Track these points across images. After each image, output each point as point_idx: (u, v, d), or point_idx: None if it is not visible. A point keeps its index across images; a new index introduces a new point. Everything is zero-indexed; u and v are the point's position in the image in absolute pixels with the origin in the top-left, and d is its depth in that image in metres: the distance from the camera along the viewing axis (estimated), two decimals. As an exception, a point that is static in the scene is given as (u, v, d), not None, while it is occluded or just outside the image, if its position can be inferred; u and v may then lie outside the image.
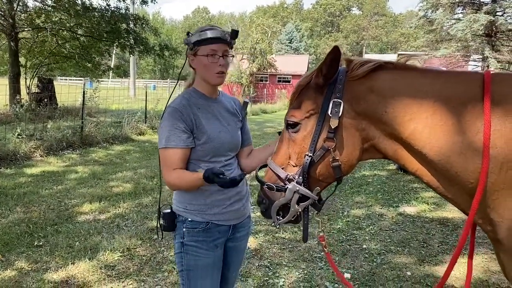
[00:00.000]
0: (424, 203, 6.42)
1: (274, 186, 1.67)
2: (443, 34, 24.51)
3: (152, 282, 3.80)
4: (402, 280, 3.95)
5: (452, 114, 1.42)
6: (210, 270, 2.14)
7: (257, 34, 37.10)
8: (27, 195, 6.26)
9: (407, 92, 1.49)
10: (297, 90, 1.68)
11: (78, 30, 16.54)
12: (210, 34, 1.96)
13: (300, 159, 1.63)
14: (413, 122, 1.46)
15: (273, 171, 1.70)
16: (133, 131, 12.95)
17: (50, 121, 11.94)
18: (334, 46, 1.49)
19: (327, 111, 1.55)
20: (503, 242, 1.44)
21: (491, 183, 1.39)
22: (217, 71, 2.00)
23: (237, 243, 2.29)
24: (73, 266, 4.03)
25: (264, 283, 3.84)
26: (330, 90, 1.57)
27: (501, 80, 1.45)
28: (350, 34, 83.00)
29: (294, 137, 1.64)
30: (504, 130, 1.36)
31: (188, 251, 2.12)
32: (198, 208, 2.11)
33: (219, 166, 2.06)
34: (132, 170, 8.35)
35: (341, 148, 1.58)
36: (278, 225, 1.72)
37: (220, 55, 1.99)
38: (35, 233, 4.83)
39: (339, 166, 1.59)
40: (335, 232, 5.16)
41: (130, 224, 5.25)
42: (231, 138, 2.13)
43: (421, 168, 1.53)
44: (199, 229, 2.11)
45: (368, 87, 1.54)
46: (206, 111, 2.08)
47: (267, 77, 39.09)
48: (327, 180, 1.66)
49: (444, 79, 1.50)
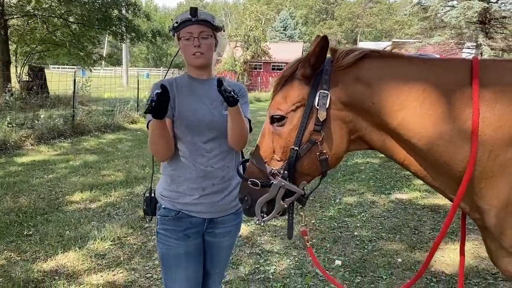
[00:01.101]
0: (416, 190, 6.44)
1: (258, 182, 1.59)
2: (437, 21, 24.45)
3: (143, 270, 3.78)
4: (393, 266, 3.96)
5: (441, 102, 1.39)
6: (183, 260, 2.07)
7: (251, 22, 36.79)
8: (17, 184, 6.20)
9: (394, 81, 1.45)
10: (280, 82, 1.60)
11: (69, 17, 16.29)
12: (179, 18, 2.00)
13: (285, 153, 1.57)
14: (402, 112, 1.43)
15: (256, 166, 1.63)
16: (125, 119, 12.86)
17: (41, 109, 11.81)
18: (323, 35, 1.44)
19: (313, 103, 1.50)
20: (490, 230, 1.43)
21: (479, 172, 1.37)
22: (192, 52, 2.00)
23: (217, 240, 2.19)
24: (62, 255, 4.00)
25: (256, 271, 3.84)
26: (316, 81, 1.52)
27: (489, 66, 1.42)
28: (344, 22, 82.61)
29: (279, 130, 1.57)
30: (493, 118, 1.33)
31: (160, 239, 2.10)
32: (170, 195, 2.08)
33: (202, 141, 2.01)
34: (124, 158, 8.29)
35: (329, 141, 1.53)
36: (262, 222, 1.65)
37: (195, 36, 1.98)
38: (25, 222, 4.79)
39: (326, 159, 1.54)
40: (326, 220, 5.16)
41: (121, 212, 5.22)
42: (211, 117, 2.03)
43: (409, 158, 1.50)
44: (169, 217, 2.07)
45: (354, 77, 1.49)
46: (187, 90, 2.07)
47: (261, 65, 38.90)
48: (313, 173, 1.61)
49: (432, 66, 1.46)
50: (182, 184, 2.05)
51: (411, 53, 1.61)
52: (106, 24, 16.44)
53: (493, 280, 3.70)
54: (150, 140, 1.93)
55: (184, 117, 2.00)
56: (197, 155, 2.03)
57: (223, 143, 2.06)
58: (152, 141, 1.92)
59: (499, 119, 1.33)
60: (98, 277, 3.64)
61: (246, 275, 3.75)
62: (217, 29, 2.06)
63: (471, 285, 3.63)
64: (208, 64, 2.10)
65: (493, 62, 1.47)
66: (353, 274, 3.81)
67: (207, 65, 2.09)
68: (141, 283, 3.57)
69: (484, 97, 1.35)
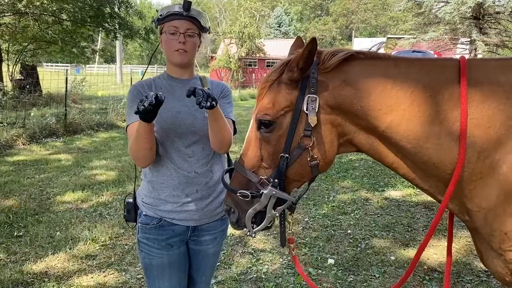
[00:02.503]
0: (409, 187, 6.42)
1: (249, 194, 1.53)
2: (432, 17, 24.46)
3: (134, 271, 3.75)
4: (386, 265, 3.94)
5: (429, 104, 1.36)
6: (166, 270, 2.00)
7: (245, 18, 36.61)
8: (7, 184, 6.13)
9: (382, 84, 1.42)
10: (265, 86, 1.55)
11: (61, 15, 16.13)
12: (166, 10, 1.90)
13: (274, 160, 1.52)
14: (390, 115, 1.40)
15: (243, 176, 1.56)
16: (119, 117, 12.77)
17: (33, 108, 11.71)
18: (312, 37, 1.40)
19: (302, 108, 1.45)
20: (480, 231, 1.42)
21: (469, 173, 1.35)
22: (176, 48, 1.90)
23: (203, 247, 2.11)
24: (53, 257, 3.96)
25: (248, 270, 3.81)
26: (303, 85, 1.47)
27: (476, 66, 1.40)
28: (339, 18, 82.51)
29: (268, 137, 1.52)
30: (482, 119, 1.31)
31: (142, 248, 2.02)
32: (152, 202, 1.99)
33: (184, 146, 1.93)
34: (116, 157, 8.23)
35: (319, 146, 1.49)
36: (253, 234, 1.59)
37: (181, 31, 1.89)
38: (15, 223, 4.74)
39: (317, 164, 1.50)
40: (320, 218, 5.14)
41: (113, 212, 5.17)
42: (193, 119, 1.94)
43: (397, 161, 1.48)
44: (151, 226, 1.98)
45: (341, 80, 1.46)
46: (167, 91, 1.97)
47: (256, 62, 38.78)
48: (303, 179, 1.58)
49: (419, 67, 1.44)
50: (164, 191, 1.96)
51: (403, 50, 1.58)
52: (99, 21, 16.29)
53: (486, 278, 3.70)
54: (134, 144, 1.80)
55: (164, 120, 1.90)
56: (179, 160, 1.94)
57: (206, 146, 1.97)
58: (136, 145, 1.79)
59: (488, 120, 1.31)
60: (88, 279, 3.60)
61: (238, 275, 3.72)
62: (204, 29, 1.98)
63: (464, 283, 3.63)
64: (190, 64, 2.02)
65: (481, 62, 1.44)
66: (346, 273, 3.79)
67: (188, 64, 2.00)
68: (132, 284, 3.53)
69: (473, 98, 1.33)
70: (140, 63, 64.38)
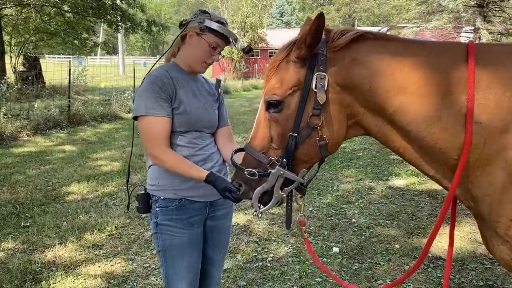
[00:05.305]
0: (413, 176, 6.43)
1: (256, 173, 1.53)
2: (435, 5, 24.19)
3: (141, 260, 3.78)
4: (390, 253, 3.96)
5: (437, 88, 1.36)
6: (186, 249, 2.08)
7: (247, 8, 36.43)
8: (13, 176, 6.18)
9: (391, 65, 1.41)
10: (273, 66, 1.54)
11: (63, 6, 16.09)
12: (226, 33, 1.98)
13: (283, 141, 1.51)
14: (399, 98, 1.39)
15: (254, 157, 1.56)
16: (122, 109, 12.80)
17: (37, 100, 11.73)
18: (319, 13, 1.38)
19: (311, 86, 1.44)
20: (485, 218, 1.42)
21: (475, 159, 1.35)
22: (209, 62, 2.04)
23: (219, 222, 2.23)
24: (60, 246, 4.00)
25: (253, 259, 3.84)
26: (312, 63, 1.45)
27: (485, 51, 1.39)
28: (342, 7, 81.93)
29: (277, 117, 1.51)
30: (488, 105, 1.31)
31: (162, 231, 2.07)
32: (170, 183, 2.04)
33: (193, 138, 2.05)
34: (120, 148, 8.26)
35: (328, 125, 1.48)
36: (260, 213, 1.60)
37: (220, 51, 2.05)
38: (22, 213, 4.78)
39: (326, 144, 1.49)
40: (324, 207, 5.16)
41: (119, 203, 5.21)
42: (208, 116, 2.10)
43: (404, 145, 1.47)
44: (172, 207, 2.04)
45: (351, 58, 1.44)
46: (184, 86, 2.04)
47: (258, 52, 38.61)
48: (312, 160, 1.57)
49: (428, 50, 1.42)
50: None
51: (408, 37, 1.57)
52: (101, 12, 16.24)
53: (490, 265, 3.72)
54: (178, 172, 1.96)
55: (188, 113, 2.01)
56: (197, 144, 2.07)
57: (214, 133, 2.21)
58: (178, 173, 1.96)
59: (494, 106, 1.31)
60: (95, 268, 3.64)
61: (244, 263, 3.75)
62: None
63: (468, 270, 3.65)
64: None
65: (489, 47, 1.43)
66: (350, 261, 3.82)
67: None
68: (139, 273, 3.57)
69: (480, 83, 1.32)
70: (142, 54, 64.13)
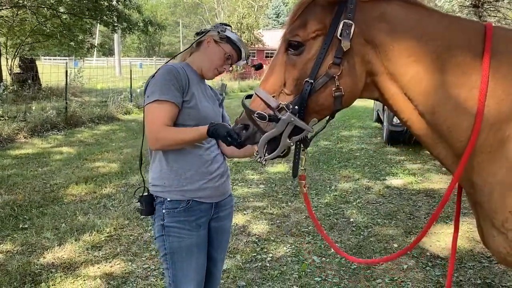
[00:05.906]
0: (410, 175, 6.47)
1: (266, 116, 1.44)
2: (431, 5, 24.32)
3: (140, 261, 3.79)
4: (389, 252, 3.99)
5: (451, 63, 1.35)
6: (194, 251, 2.09)
7: (243, 9, 36.46)
8: (11, 178, 6.16)
9: (415, 29, 1.39)
10: (300, 7, 1.46)
11: (58, 7, 16.04)
12: (243, 48, 2.13)
13: (298, 86, 1.44)
14: (416, 65, 1.37)
15: (263, 100, 1.48)
16: (119, 110, 12.79)
17: (34, 102, 11.70)
18: None
19: (335, 33, 1.40)
20: (483, 206, 1.41)
21: (478, 145, 1.34)
22: (221, 70, 2.14)
23: (221, 223, 2.26)
24: (59, 248, 4.00)
25: (252, 259, 3.85)
26: (340, 9, 1.40)
27: (501, 35, 1.38)
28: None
29: (295, 60, 1.44)
30: (497, 90, 1.30)
31: (170, 233, 2.05)
32: (177, 183, 2.04)
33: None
34: (118, 149, 8.26)
35: (347, 77, 1.42)
36: (265, 161, 1.52)
37: (231, 63, 2.16)
38: (20, 215, 4.77)
39: (341, 96, 1.43)
40: (322, 207, 5.18)
41: (117, 204, 5.21)
42: (215, 116, 2.15)
43: (413, 118, 1.45)
44: (179, 209, 2.04)
45: (380, 13, 1.40)
46: (195, 84, 2.10)
47: (255, 53, 38.63)
48: (323, 112, 1.50)
49: (447, 23, 1.40)
50: (190, 170, 2.05)
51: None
52: (97, 13, 16.21)
53: (488, 263, 3.74)
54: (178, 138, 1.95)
55: (199, 109, 2.05)
56: (201, 142, 2.10)
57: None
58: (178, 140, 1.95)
59: (502, 92, 1.30)
60: (95, 269, 3.64)
61: (243, 264, 3.76)
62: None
63: (466, 269, 3.67)
64: None
65: (505, 31, 1.42)
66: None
67: None
68: (139, 274, 3.57)
69: (491, 67, 1.31)
70: (138, 55, 63.94)
